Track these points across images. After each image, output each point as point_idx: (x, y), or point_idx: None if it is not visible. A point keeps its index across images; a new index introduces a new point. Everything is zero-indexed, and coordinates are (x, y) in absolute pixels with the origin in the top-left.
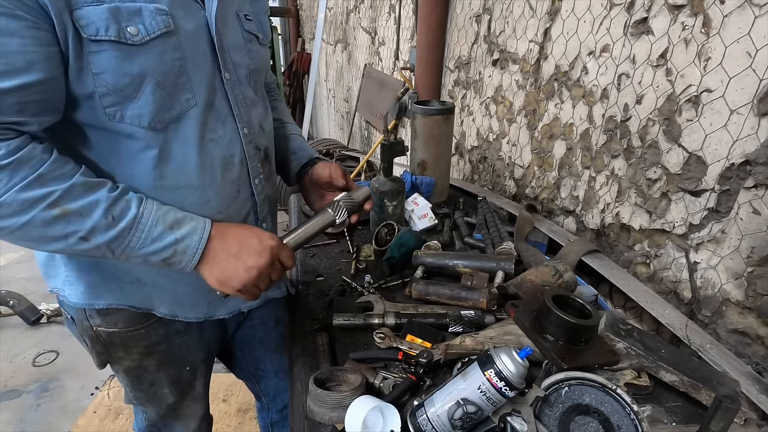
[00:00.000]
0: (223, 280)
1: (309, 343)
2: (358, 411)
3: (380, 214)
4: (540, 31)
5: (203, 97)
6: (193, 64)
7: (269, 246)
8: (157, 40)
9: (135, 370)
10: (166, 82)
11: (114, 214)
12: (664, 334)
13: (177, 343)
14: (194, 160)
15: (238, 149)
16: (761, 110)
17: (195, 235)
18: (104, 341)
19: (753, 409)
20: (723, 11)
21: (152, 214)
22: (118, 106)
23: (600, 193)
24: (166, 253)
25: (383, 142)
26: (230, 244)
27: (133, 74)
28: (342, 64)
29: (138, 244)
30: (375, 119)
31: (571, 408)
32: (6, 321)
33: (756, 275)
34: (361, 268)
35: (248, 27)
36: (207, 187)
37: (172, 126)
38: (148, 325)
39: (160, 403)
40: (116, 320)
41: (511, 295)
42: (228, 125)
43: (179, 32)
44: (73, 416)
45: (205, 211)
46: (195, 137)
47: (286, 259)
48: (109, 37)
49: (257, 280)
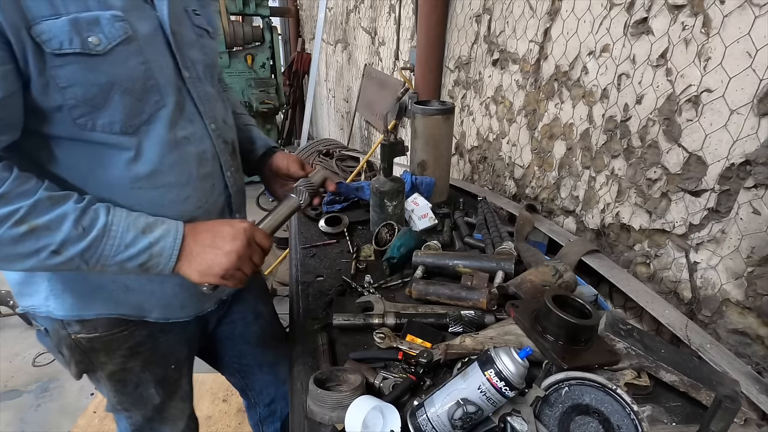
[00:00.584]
0: (205, 270)
1: (309, 343)
2: (358, 411)
3: (380, 214)
4: (540, 31)
5: (171, 97)
6: (156, 66)
7: (242, 228)
8: (119, 47)
9: (119, 373)
10: (134, 88)
11: (84, 224)
12: (664, 334)
13: (161, 341)
14: (169, 159)
15: (209, 145)
16: (761, 110)
17: (169, 237)
18: (84, 348)
19: (753, 409)
20: (723, 11)
21: (123, 221)
22: (88, 116)
23: (600, 193)
24: (142, 257)
25: (383, 142)
26: (204, 237)
27: (100, 84)
28: (342, 64)
29: (112, 251)
30: (375, 119)
31: (571, 408)
32: (6, 321)
33: (756, 275)
34: (361, 268)
35: (198, 22)
36: (184, 185)
37: (143, 128)
38: (131, 326)
39: (146, 405)
40: (96, 325)
41: (511, 295)
42: (197, 122)
43: (138, 36)
44: (73, 416)
45: (185, 207)
46: (167, 137)
47: (261, 240)
48: (74, 49)
49: (238, 263)
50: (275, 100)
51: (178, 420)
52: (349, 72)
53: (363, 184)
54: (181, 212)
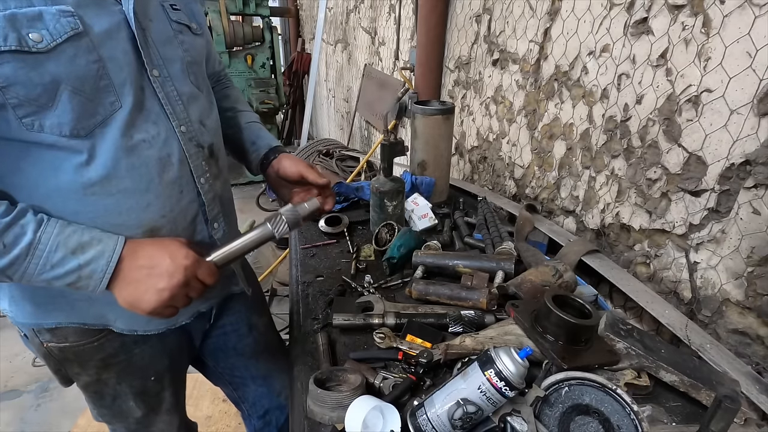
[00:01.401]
0: (132, 303)
1: (309, 343)
2: (358, 411)
3: (380, 214)
4: (540, 31)
5: (130, 98)
6: (114, 64)
7: (182, 266)
8: (66, 44)
9: (94, 385)
10: (84, 88)
11: (5, 241)
12: (664, 334)
13: (136, 353)
14: (125, 163)
15: (175, 148)
16: (761, 110)
17: (102, 259)
18: (57, 357)
19: (753, 409)
20: (723, 11)
21: (51, 239)
22: (34, 116)
23: (600, 193)
24: (69, 278)
25: (383, 142)
26: (141, 264)
27: (44, 83)
28: (342, 64)
29: (36, 270)
30: (375, 119)
31: (571, 408)
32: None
33: (756, 275)
34: (361, 268)
35: (176, 17)
36: (144, 191)
37: (98, 131)
38: (102, 337)
39: (127, 418)
40: (66, 334)
41: (511, 295)
42: (161, 124)
43: (90, 33)
44: (73, 416)
45: (147, 215)
46: (122, 141)
47: (205, 278)
48: (9, 46)
49: (170, 301)
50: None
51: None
52: (349, 72)
53: (363, 184)
54: (141, 220)
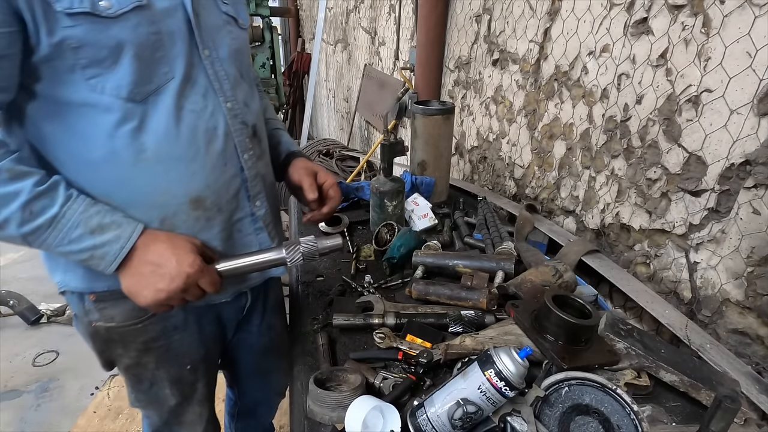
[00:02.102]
0: (131, 292)
1: (309, 343)
2: (358, 411)
3: (380, 214)
4: (540, 31)
5: (181, 70)
6: (169, 39)
7: (185, 273)
8: (131, 13)
9: (134, 368)
10: (144, 54)
11: (33, 209)
12: (664, 334)
13: (175, 339)
14: (174, 131)
15: (221, 122)
16: (761, 110)
17: (116, 244)
18: (103, 337)
19: (753, 409)
20: (723, 11)
21: (75, 216)
22: (99, 77)
23: (600, 193)
24: (82, 255)
25: (383, 142)
26: (149, 259)
27: (110, 46)
28: (342, 64)
29: (55, 242)
30: (375, 119)
31: (571, 408)
32: (6, 321)
33: (756, 275)
34: (361, 268)
35: (225, 9)
36: (191, 159)
37: (151, 98)
38: (145, 320)
39: (162, 406)
40: (113, 314)
41: (511, 295)
42: (209, 98)
43: (152, 8)
44: (73, 416)
45: (192, 184)
46: (173, 108)
47: (206, 286)
48: (83, 8)
49: (165, 301)
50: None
51: (196, 425)
52: (349, 72)
53: (363, 184)
54: (187, 189)
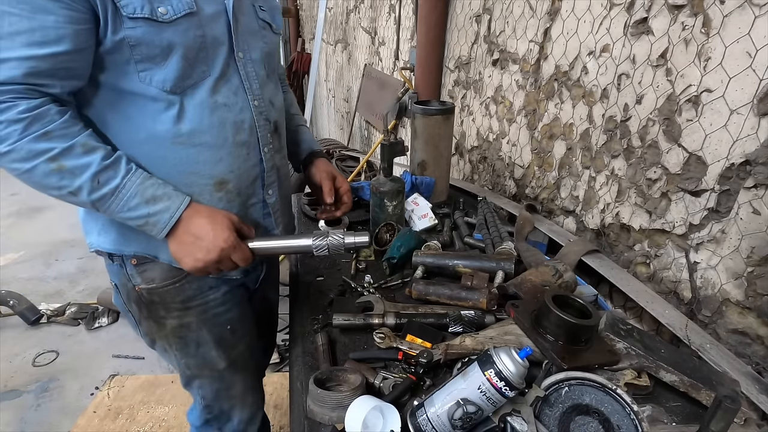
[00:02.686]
0: (177, 258)
1: (309, 343)
2: (358, 411)
3: (380, 214)
4: (540, 31)
5: (218, 69)
6: (212, 42)
7: (219, 247)
8: (182, 19)
9: (178, 330)
10: (189, 55)
11: (101, 179)
12: (664, 334)
13: (210, 297)
14: (207, 121)
15: (248, 117)
16: (761, 110)
17: (166, 213)
18: (146, 300)
19: (753, 409)
20: (723, 11)
21: (134, 187)
22: (149, 71)
23: (600, 193)
24: (139, 221)
25: (383, 142)
26: (191, 231)
27: (162, 46)
28: (342, 64)
29: (117, 208)
30: (375, 119)
31: (571, 408)
32: (6, 321)
33: (756, 275)
34: (361, 268)
35: (262, 16)
36: (219, 147)
37: (189, 91)
38: (182, 278)
39: (212, 371)
40: (152, 276)
41: (511, 295)
42: (240, 96)
43: (200, 14)
44: (73, 416)
45: (219, 168)
46: (207, 101)
47: (238, 260)
48: (144, 14)
49: (203, 268)
50: None
51: (246, 399)
52: (349, 72)
53: (363, 184)
54: (214, 171)
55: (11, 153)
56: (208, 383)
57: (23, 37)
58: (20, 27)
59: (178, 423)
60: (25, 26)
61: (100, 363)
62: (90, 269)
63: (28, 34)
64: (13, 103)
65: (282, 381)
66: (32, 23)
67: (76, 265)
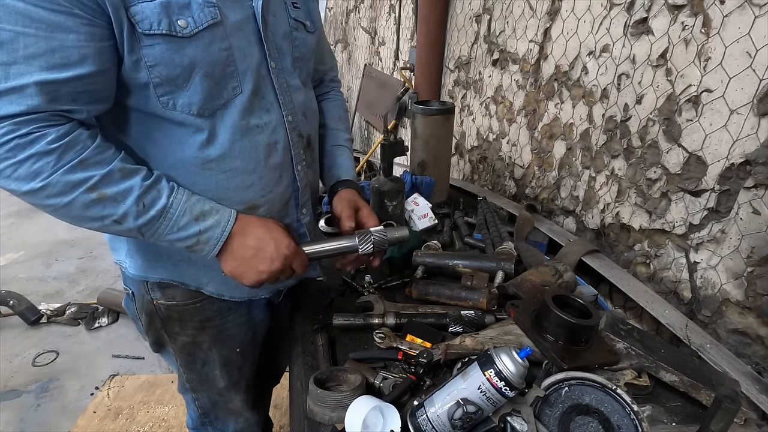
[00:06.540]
0: (236, 275)
1: (309, 343)
2: (358, 411)
3: (380, 214)
4: (540, 31)
5: (250, 85)
6: (240, 53)
7: (283, 255)
8: (205, 31)
9: (189, 347)
10: (214, 72)
11: (145, 202)
12: (664, 334)
13: (229, 320)
14: (239, 145)
15: (282, 136)
16: (761, 110)
17: (218, 228)
18: (162, 315)
19: (753, 409)
20: (723, 11)
21: (181, 205)
22: (170, 95)
23: (600, 193)
24: (190, 241)
25: (383, 142)
26: (249, 244)
27: (183, 65)
28: (342, 64)
29: (165, 231)
30: (375, 119)
31: (571, 408)
32: (6, 321)
33: (756, 275)
34: (361, 268)
35: (295, 15)
36: (251, 172)
37: (219, 113)
38: (204, 300)
39: (211, 387)
40: (174, 294)
41: (511, 295)
42: (273, 112)
43: (226, 23)
44: (73, 416)
45: (249, 193)
46: (239, 124)
47: (298, 267)
48: (161, 30)
49: (266, 281)
50: None
51: (242, 412)
52: (349, 72)
53: (363, 184)
54: (244, 197)
55: (46, 188)
56: (206, 396)
57: (42, 60)
58: (37, 49)
59: (178, 423)
60: (42, 47)
61: (100, 363)
62: (90, 269)
63: (47, 56)
64: (41, 133)
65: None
66: (51, 43)
67: (76, 265)
